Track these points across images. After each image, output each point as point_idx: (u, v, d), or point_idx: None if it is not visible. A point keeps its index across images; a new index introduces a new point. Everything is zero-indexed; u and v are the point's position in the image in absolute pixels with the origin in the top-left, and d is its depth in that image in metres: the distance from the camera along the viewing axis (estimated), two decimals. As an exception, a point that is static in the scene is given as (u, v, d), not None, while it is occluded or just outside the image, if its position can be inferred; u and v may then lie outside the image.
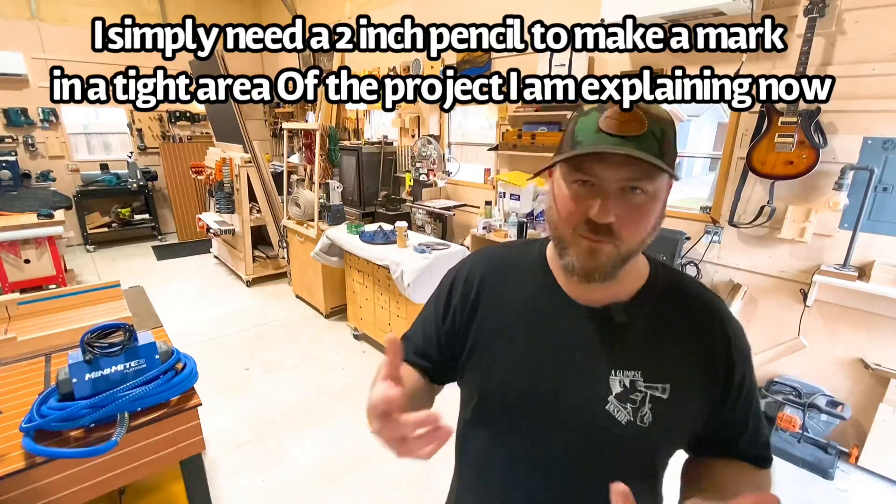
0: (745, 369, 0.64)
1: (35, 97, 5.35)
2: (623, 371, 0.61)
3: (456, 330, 0.72)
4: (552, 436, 0.64)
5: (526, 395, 0.65)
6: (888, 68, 1.94)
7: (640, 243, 0.59)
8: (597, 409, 0.61)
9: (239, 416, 2.53)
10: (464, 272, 0.75)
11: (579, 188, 0.57)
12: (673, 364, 0.62)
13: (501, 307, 0.69)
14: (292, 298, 4.25)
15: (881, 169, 2.01)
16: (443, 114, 4.20)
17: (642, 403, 0.61)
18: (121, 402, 1.14)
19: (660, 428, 0.61)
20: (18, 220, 3.61)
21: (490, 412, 0.70)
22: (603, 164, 0.54)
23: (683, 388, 0.61)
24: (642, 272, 0.66)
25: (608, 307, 0.63)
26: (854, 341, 2.21)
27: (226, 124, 4.64)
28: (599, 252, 0.57)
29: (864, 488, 2.09)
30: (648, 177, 0.54)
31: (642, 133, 0.53)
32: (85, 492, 1.14)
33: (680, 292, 0.66)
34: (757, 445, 0.67)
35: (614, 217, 0.55)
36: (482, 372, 0.69)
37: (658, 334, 0.63)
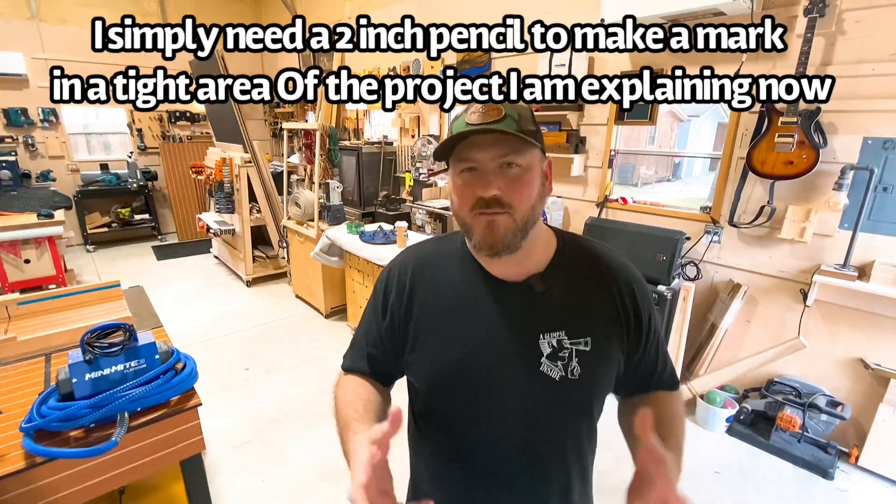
0: (651, 313, 0.74)
1: (35, 97, 5.35)
2: (549, 333, 0.69)
3: (396, 327, 0.77)
4: (498, 408, 0.70)
5: (470, 372, 0.71)
6: (888, 68, 1.94)
7: (530, 210, 0.65)
8: (532, 372, 0.68)
9: (239, 416, 2.53)
10: (395, 272, 0.79)
11: (466, 176, 0.65)
12: (590, 319, 0.70)
13: (434, 297, 0.75)
14: (292, 298, 4.25)
15: (881, 169, 2.01)
16: (443, 114, 4.20)
17: (570, 359, 0.68)
18: (121, 402, 1.14)
19: (588, 377, 0.69)
20: (18, 220, 3.61)
21: (439, 397, 0.75)
22: (476, 149, 0.63)
23: (602, 338, 0.70)
24: (551, 244, 0.74)
25: (527, 280, 0.71)
26: (854, 341, 2.21)
27: (226, 124, 4.64)
28: (497, 223, 0.64)
29: (864, 488, 2.09)
30: (515, 150, 0.63)
31: (501, 117, 0.62)
32: (85, 492, 1.14)
33: (586, 255, 0.74)
34: (668, 374, 0.79)
35: (497, 189, 0.63)
36: (427, 360, 0.74)
37: (574, 295, 0.71)
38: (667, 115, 11.96)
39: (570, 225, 3.30)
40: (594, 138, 3.03)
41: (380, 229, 3.24)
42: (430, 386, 0.75)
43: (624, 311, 0.71)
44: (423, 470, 0.85)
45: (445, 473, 0.79)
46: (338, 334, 3.54)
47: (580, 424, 0.74)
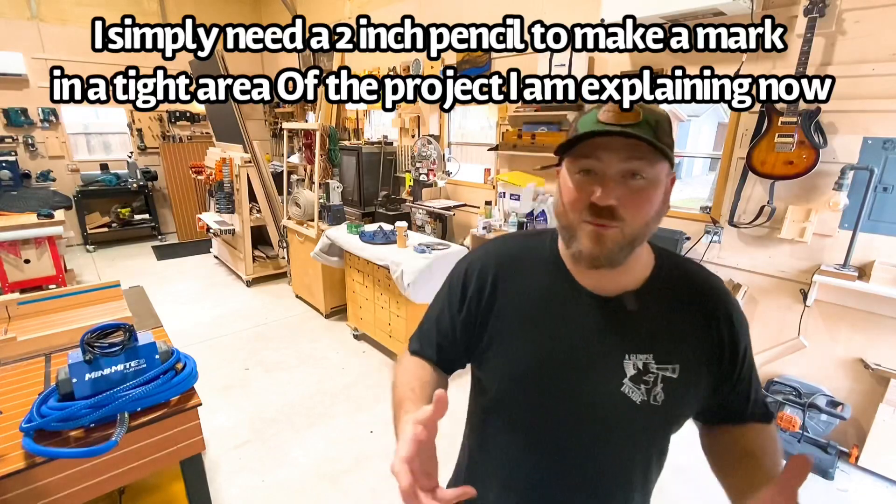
0: (746, 342, 0.70)
1: (35, 97, 5.35)
2: (636, 355, 0.65)
3: (472, 320, 0.74)
4: (571, 418, 0.68)
5: (546, 381, 0.68)
6: (888, 68, 1.94)
7: (643, 227, 0.61)
8: (613, 392, 0.65)
9: (239, 416, 2.53)
10: (477, 264, 0.76)
11: (583, 178, 0.60)
12: (681, 345, 0.66)
13: (518, 298, 0.72)
14: (292, 298, 4.25)
15: (881, 169, 2.01)
16: (443, 114, 4.20)
17: (655, 384, 0.65)
18: (121, 402, 1.14)
19: (671, 405, 0.66)
20: (18, 220, 3.61)
21: (511, 398, 0.72)
22: (603, 149, 0.58)
23: (692, 366, 0.66)
24: (649, 261, 0.70)
25: (620, 296, 0.67)
26: (854, 341, 2.21)
27: (226, 124, 4.64)
28: (605, 237, 0.60)
29: (864, 488, 2.09)
30: (648, 160, 0.58)
31: (638, 122, 0.57)
32: (85, 492, 1.14)
33: (685, 278, 0.70)
34: (761, 406, 0.73)
35: (615, 200, 0.58)
36: (504, 361, 0.72)
37: (667, 319, 0.67)
38: (667, 115, 11.93)
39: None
40: (594, 138, 3.03)
41: (380, 229, 3.24)
42: (503, 386, 0.73)
43: (720, 340, 0.67)
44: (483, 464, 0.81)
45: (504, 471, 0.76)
46: (338, 334, 3.54)
47: (653, 448, 0.72)
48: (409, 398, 0.69)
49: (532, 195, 3.15)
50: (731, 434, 0.73)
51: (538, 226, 3.12)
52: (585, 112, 0.63)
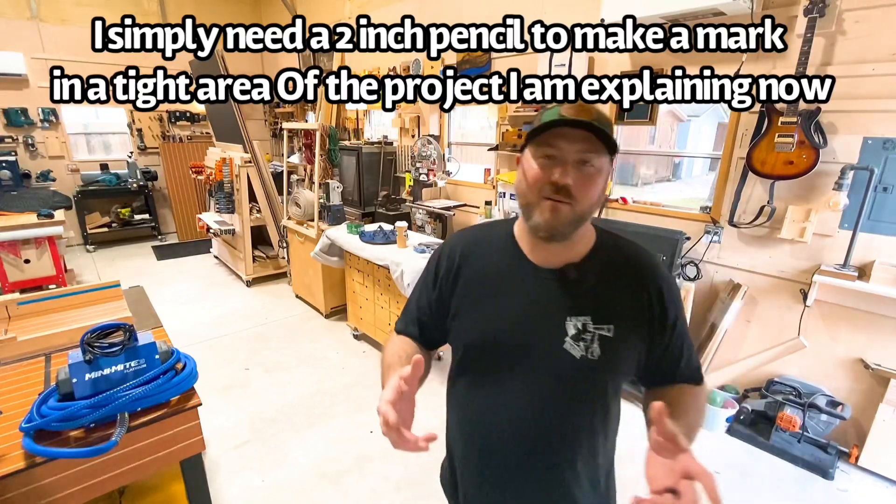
0: (677, 312, 0.80)
1: (35, 97, 5.34)
2: (576, 317, 0.77)
3: (443, 297, 0.88)
4: (523, 373, 0.80)
5: (501, 341, 0.81)
6: (888, 68, 1.94)
7: (589, 207, 0.73)
8: (557, 348, 0.77)
9: (239, 416, 2.53)
10: (447, 249, 0.91)
11: (545, 162, 0.72)
12: (616, 309, 0.78)
13: (478, 274, 0.85)
14: (292, 298, 4.25)
15: (881, 169, 2.02)
16: (443, 114, 4.21)
17: (592, 341, 0.77)
18: (121, 402, 1.14)
19: (606, 359, 0.77)
20: (18, 220, 3.61)
21: (472, 359, 0.86)
22: (564, 139, 0.70)
23: (625, 327, 0.77)
24: (590, 239, 0.82)
25: (563, 268, 0.80)
26: (854, 341, 2.21)
27: (226, 124, 4.64)
28: (560, 211, 0.72)
29: (864, 488, 2.09)
30: (597, 152, 0.71)
31: (592, 119, 0.69)
32: (85, 492, 1.14)
33: (621, 253, 0.82)
34: (691, 369, 0.84)
35: (571, 180, 0.70)
36: (466, 327, 0.85)
37: (603, 287, 0.79)
38: (667, 115, 11.96)
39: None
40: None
41: (380, 229, 3.24)
42: (465, 350, 0.86)
43: (649, 308, 0.78)
44: (452, 420, 0.95)
45: (468, 425, 0.89)
46: (338, 334, 3.54)
47: (595, 403, 0.81)
48: (395, 364, 0.82)
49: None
50: (661, 392, 0.84)
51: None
52: (547, 108, 0.75)
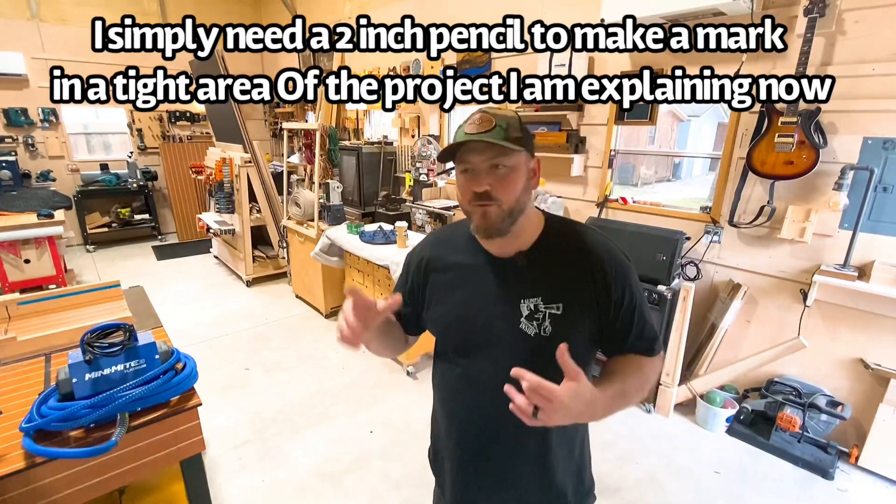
0: (625, 284, 0.85)
1: (35, 97, 5.34)
2: (528, 299, 0.85)
3: (416, 291, 0.99)
4: (487, 352, 0.89)
5: (467, 327, 0.90)
6: (888, 68, 1.94)
7: (514, 201, 0.81)
8: (514, 328, 0.85)
9: (239, 416, 2.53)
10: (417, 250, 1.03)
11: (465, 175, 0.82)
12: (564, 289, 0.85)
13: (444, 268, 0.95)
14: (292, 298, 4.25)
15: (881, 169, 2.01)
16: (443, 114, 4.20)
17: (543, 319, 0.84)
18: (121, 402, 1.14)
19: (558, 335, 0.83)
20: (18, 220, 3.61)
21: (446, 345, 0.96)
22: (472, 153, 0.80)
23: (573, 305, 0.84)
24: (538, 227, 0.89)
25: (514, 256, 0.88)
26: (854, 341, 2.21)
27: (226, 124, 4.64)
28: (489, 213, 0.81)
29: (864, 488, 2.09)
30: (502, 154, 0.79)
31: (491, 128, 0.78)
32: (85, 492, 1.14)
33: (567, 236, 0.89)
34: (643, 340, 0.88)
35: (487, 186, 0.79)
36: (438, 316, 0.95)
37: (551, 269, 0.86)
38: (667, 115, 11.96)
39: (570, 225, 3.30)
40: (594, 138, 3.03)
41: (380, 229, 3.24)
42: (440, 334, 0.98)
43: (593, 283, 0.84)
44: (435, 405, 1.05)
45: (446, 404, 1.00)
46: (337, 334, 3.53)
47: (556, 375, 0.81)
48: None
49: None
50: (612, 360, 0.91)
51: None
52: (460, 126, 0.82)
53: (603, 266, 0.85)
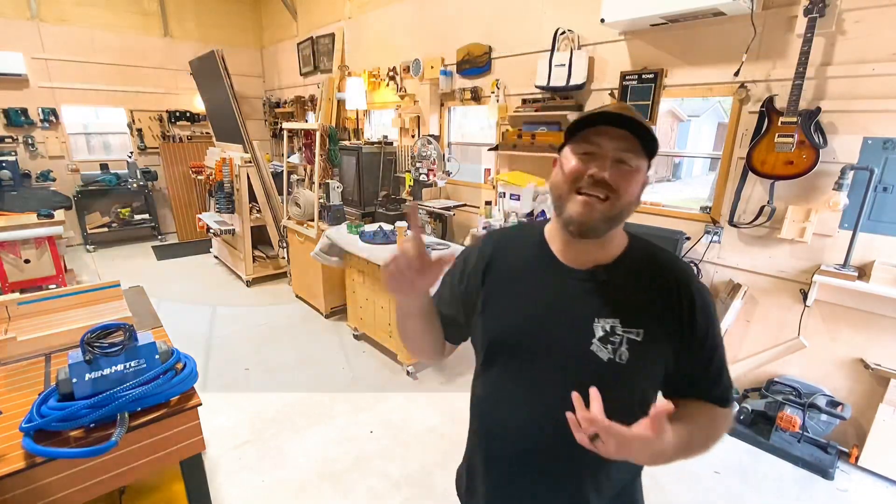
0: (708, 326, 0.77)
1: (35, 97, 5.34)
2: (604, 319, 0.76)
3: (469, 292, 0.88)
4: (546, 371, 0.79)
5: (525, 338, 0.80)
6: (888, 68, 1.94)
7: (627, 204, 0.73)
8: (583, 349, 0.76)
9: (239, 416, 2.53)
10: (477, 247, 0.92)
11: (583, 157, 0.73)
12: (645, 314, 0.76)
13: (506, 272, 0.85)
14: (292, 298, 4.25)
15: (881, 169, 2.02)
16: (443, 113, 4.21)
17: (620, 344, 0.75)
18: (121, 402, 1.14)
19: (635, 364, 0.75)
20: (18, 220, 3.61)
21: (497, 354, 0.85)
22: (604, 136, 0.71)
23: (655, 333, 0.75)
24: (622, 243, 0.81)
25: (593, 269, 0.78)
26: (854, 341, 2.21)
27: (226, 124, 4.63)
28: (594, 207, 0.71)
29: (864, 488, 2.09)
30: (635, 153, 0.71)
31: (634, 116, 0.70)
32: (85, 492, 1.14)
33: (653, 258, 0.80)
34: (718, 388, 0.80)
35: (608, 175, 0.70)
36: (491, 322, 0.85)
37: (634, 290, 0.77)
38: (667, 115, 11.97)
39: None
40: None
41: (380, 229, 3.24)
42: (489, 346, 0.85)
43: (679, 317, 0.76)
44: (474, 421, 0.93)
45: (489, 422, 0.89)
46: (338, 334, 3.54)
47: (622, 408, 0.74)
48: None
49: (532, 195, 3.15)
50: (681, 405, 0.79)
51: (538, 226, 3.12)
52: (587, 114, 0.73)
53: (691, 296, 0.76)
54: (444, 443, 2.33)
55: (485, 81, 3.67)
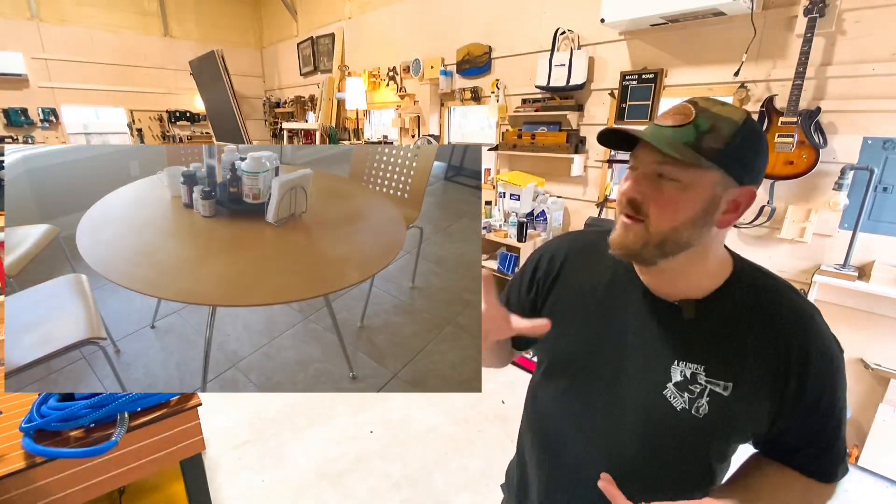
0: (822, 392, 0.62)
1: (35, 97, 5.35)
2: (686, 363, 0.65)
3: (536, 300, 0.80)
4: (613, 407, 0.69)
5: (591, 367, 0.72)
6: (888, 68, 1.94)
7: (671, 231, 0.59)
8: (655, 393, 0.66)
9: (239, 416, 2.53)
10: (550, 251, 0.82)
11: (629, 173, 0.63)
12: (739, 365, 0.63)
13: (578, 286, 0.76)
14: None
15: (881, 169, 2.01)
16: (443, 113, 4.21)
17: (700, 395, 0.63)
18: (121, 401, 1.14)
19: (714, 421, 0.63)
20: (18, 220, 3.61)
21: (555, 376, 0.78)
22: (643, 149, 0.60)
23: (747, 389, 0.62)
24: (722, 272, 0.67)
25: (680, 302, 0.66)
26: (854, 341, 2.20)
27: (226, 124, 4.64)
28: (629, 229, 0.61)
29: (864, 488, 2.09)
30: (674, 164, 0.57)
31: (683, 124, 0.57)
32: (85, 492, 1.14)
33: (763, 299, 0.65)
34: (821, 463, 0.66)
35: (639, 194, 0.59)
36: (553, 340, 0.74)
37: (728, 335, 0.64)
38: (667, 115, 11.96)
39: (569, 225, 3.30)
40: (594, 138, 3.03)
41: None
42: (550, 364, 0.79)
43: (785, 371, 0.61)
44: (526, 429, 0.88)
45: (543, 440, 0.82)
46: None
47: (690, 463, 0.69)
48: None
49: (532, 195, 3.15)
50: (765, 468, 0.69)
51: (538, 226, 3.12)
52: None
53: (806, 353, 0.61)
54: (444, 443, 2.33)
55: (485, 81, 3.67)
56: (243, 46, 6.89)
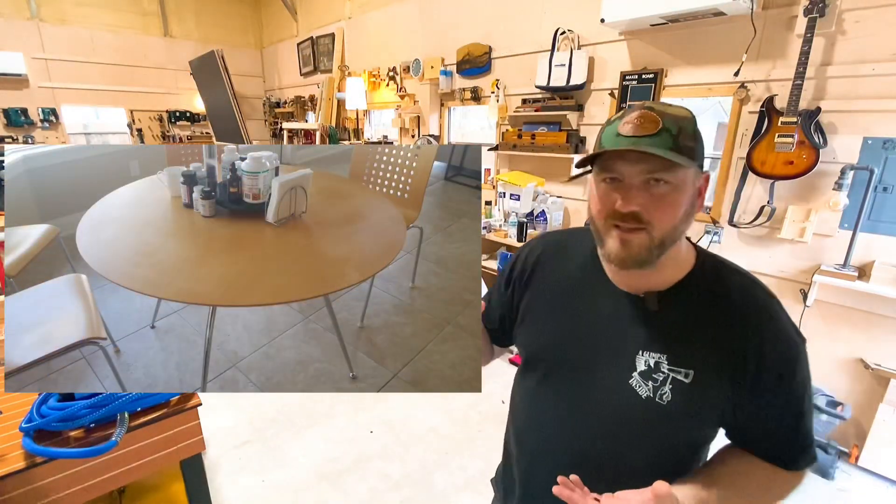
0: (783, 372, 0.64)
1: (35, 97, 5.35)
2: (650, 353, 0.67)
3: (514, 299, 0.85)
4: (581, 398, 0.74)
5: (562, 359, 0.76)
6: (888, 68, 1.94)
7: (672, 230, 0.62)
8: (621, 382, 0.69)
9: (239, 416, 2.53)
10: (526, 251, 0.86)
11: (607, 185, 0.63)
12: (700, 353, 0.65)
13: (551, 284, 0.80)
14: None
15: (881, 169, 2.01)
16: (443, 113, 4.21)
17: (663, 383, 0.66)
18: (121, 401, 1.14)
19: (678, 408, 0.66)
20: (18, 219, 3.61)
21: (531, 370, 0.82)
22: (623, 161, 0.61)
23: (708, 376, 0.65)
24: (685, 264, 0.69)
25: (644, 295, 0.69)
26: (854, 341, 2.21)
27: (226, 124, 4.64)
28: (631, 241, 0.62)
29: (864, 488, 2.09)
30: (666, 169, 0.59)
31: (656, 131, 0.59)
32: (85, 492, 1.14)
33: (722, 288, 0.67)
34: (785, 450, 0.68)
35: (637, 206, 0.60)
36: (529, 337, 0.82)
37: (689, 324, 0.67)
38: (667, 115, 11.98)
39: (569, 225, 3.30)
40: (594, 138, 3.03)
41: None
42: (526, 359, 0.84)
43: (742, 356, 0.63)
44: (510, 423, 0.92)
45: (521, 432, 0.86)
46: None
47: (660, 449, 0.71)
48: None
49: (532, 195, 3.15)
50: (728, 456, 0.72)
51: (538, 226, 3.12)
52: (609, 122, 0.65)
53: (761, 339, 0.63)
54: (444, 443, 2.33)
55: (485, 81, 3.67)
56: (243, 46, 6.89)
